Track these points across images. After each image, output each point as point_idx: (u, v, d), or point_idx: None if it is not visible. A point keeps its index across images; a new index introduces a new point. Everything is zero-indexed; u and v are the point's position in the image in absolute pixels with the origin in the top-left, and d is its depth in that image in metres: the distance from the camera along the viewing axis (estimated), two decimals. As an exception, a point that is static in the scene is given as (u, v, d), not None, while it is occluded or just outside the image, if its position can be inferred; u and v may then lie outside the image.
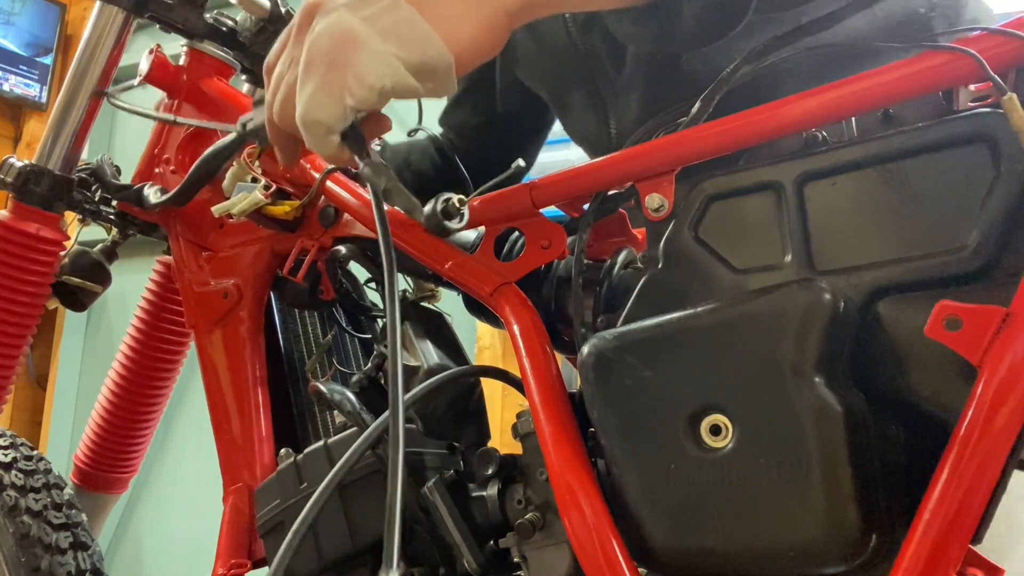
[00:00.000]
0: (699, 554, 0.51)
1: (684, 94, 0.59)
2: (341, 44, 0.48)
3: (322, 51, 0.49)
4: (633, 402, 0.53)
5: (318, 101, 0.49)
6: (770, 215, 0.54)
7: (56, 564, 0.89)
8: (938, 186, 0.50)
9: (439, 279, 0.69)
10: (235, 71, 0.97)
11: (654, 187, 0.58)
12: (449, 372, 0.66)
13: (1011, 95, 0.46)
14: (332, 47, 0.49)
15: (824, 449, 0.47)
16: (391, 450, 0.48)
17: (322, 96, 0.49)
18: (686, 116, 0.57)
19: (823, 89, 0.53)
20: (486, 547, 0.61)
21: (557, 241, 0.62)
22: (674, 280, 0.57)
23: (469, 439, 0.69)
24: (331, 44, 0.49)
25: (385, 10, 0.49)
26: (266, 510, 0.69)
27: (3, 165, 0.98)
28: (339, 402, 0.67)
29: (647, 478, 0.52)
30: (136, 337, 1.10)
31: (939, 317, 0.46)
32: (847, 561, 0.47)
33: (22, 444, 0.98)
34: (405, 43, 0.49)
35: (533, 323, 0.60)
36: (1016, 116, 0.46)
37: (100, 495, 1.15)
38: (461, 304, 0.72)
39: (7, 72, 3.21)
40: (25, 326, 1.03)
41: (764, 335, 0.49)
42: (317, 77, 0.49)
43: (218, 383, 0.86)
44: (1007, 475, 0.44)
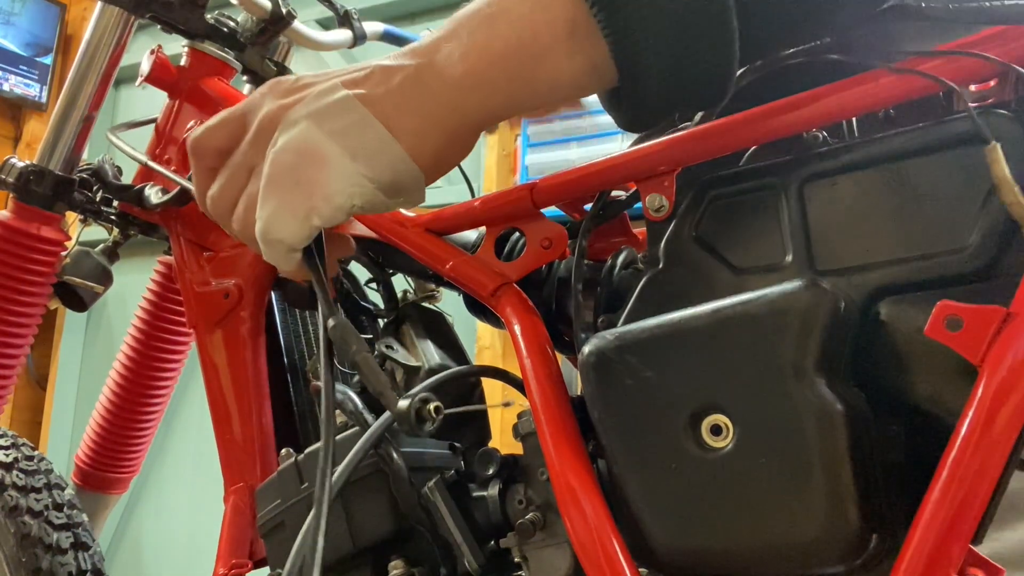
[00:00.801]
0: (699, 554, 0.51)
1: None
2: (308, 162, 0.46)
3: (286, 167, 0.47)
4: (633, 402, 0.53)
5: (282, 221, 0.47)
6: (770, 215, 0.54)
7: (57, 564, 0.89)
8: (938, 186, 0.50)
9: (439, 279, 0.69)
10: (236, 72, 0.97)
11: (654, 187, 0.58)
12: (449, 372, 0.66)
13: (995, 144, 0.46)
14: (297, 164, 0.47)
15: (824, 449, 0.47)
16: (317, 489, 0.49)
17: (286, 216, 0.47)
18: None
19: (823, 90, 0.53)
20: (487, 547, 0.61)
21: (558, 241, 0.62)
22: (674, 280, 0.57)
23: (469, 439, 0.69)
24: (296, 160, 0.47)
25: (352, 125, 0.46)
26: (267, 510, 0.69)
27: (4, 165, 0.98)
28: (341, 401, 0.67)
29: (647, 478, 0.52)
30: (137, 337, 1.10)
31: (939, 317, 0.46)
32: (847, 561, 0.47)
33: (23, 444, 0.98)
34: (374, 162, 0.47)
35: (534, 323, 0.61)
36: (998, 167, 0.45)
37: (101, 495, 1.15)
38: (461, 304, 0.72)
39: (7, 72, 3.21)
40: (26, 326, 1.03)
41: (764, 335, 0.49)
42: (281, 195, 0.47)
43: (219, 383, 0.86)
44: (1007, 475, 0.44)
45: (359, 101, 0.47)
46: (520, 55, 0.45)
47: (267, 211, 0.47)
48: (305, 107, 0.48)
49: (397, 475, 0.62)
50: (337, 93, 0.47)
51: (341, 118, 0.47)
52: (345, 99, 0.47)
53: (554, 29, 0.45)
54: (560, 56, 0.45)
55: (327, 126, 0.47)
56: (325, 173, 0.46)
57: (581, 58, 0.45)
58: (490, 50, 0.46)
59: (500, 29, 0.46)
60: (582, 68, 0.46)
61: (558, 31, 0.45)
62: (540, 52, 0.45)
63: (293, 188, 0.47)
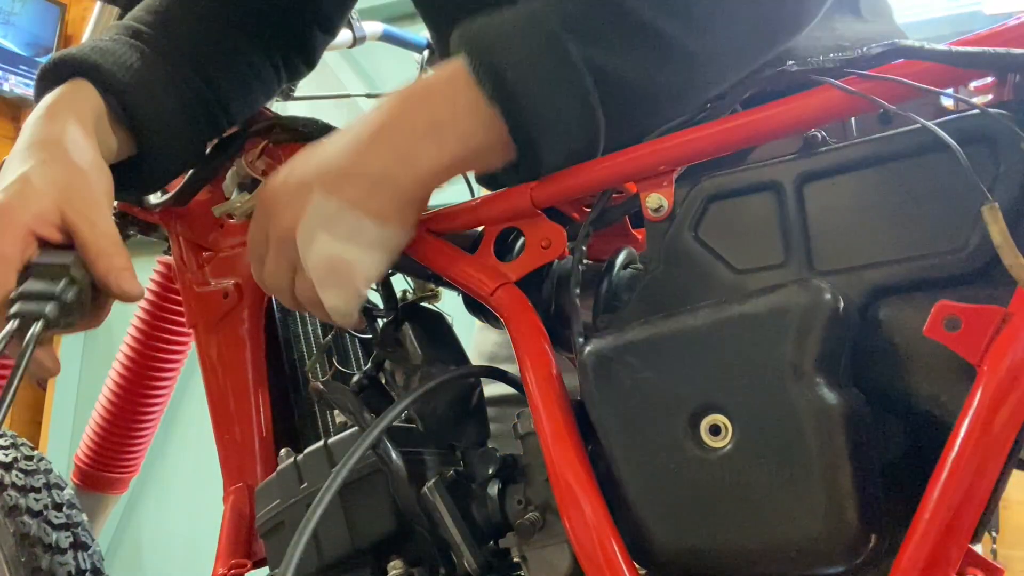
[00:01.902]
0: (699, 554, 0.51)
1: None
2: (340, 265, 0.62)
3: (328, 272, 0.62)
4: (633, 402, 0.53)
5: (344, 302, 0.64)
6: (770, 215, 0.54)
7: (56, 564, 0.90)
8: (938, 186, 0.50)
9: (439, 279, 0.69)
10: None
11: (654, 187, 0.58)
12: (449, 373, 0.66)
13: (993, 204, 0.45)
14: (334, 269, 0.62)
15: (824, 449, 0.47)
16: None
17: (345, 300, 0.64)
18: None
19: (823, 90, 0.53)
20: (486, 547, 0.61)
21: (557, 241, 0.62)
22: (674, 280, 0.57)
23: (469, 439, 0.69)
24: (332, 267, 0.62)
25: (355, 228, 0.61)
26: (266, 510, 0.69)
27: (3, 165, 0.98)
28: (340, 402, 0.67)
29: (647, 478, 0.52)
30: (136, 337, 1.10)
31: (938, 317, 0.46)
32: (846, 561, 0.47)
33: (23, 444, 0.98)
34: (383, 246, 0.63)
35: (533, 323, 0.61)
36: (996, 229, 0.44)
37: (100, 495, 1.15)
38: (461, 304, 0.72)
39: (7, 72, 3.21)
40: (25, 326, 1.03)
41: (764, 335, 0.49)
42: (334, 290, 0.63)
43: (218, 383, 0.86)
44: (1007, 475, 0.45)
45: (349, 208, 0.61)
46: (464, 163, 0.62)
47: (330, 300, 0.63)
48: (313, 222, 0.62)
49: (396, 475, 0.62)
50: (328, 206, 0.61)
51: (345, 225, 0.61)
52: (338, 210, 0.61)
53: (491, 141, 0.60)
54: (493, 159, 0.62)
55: (338, 233, 0.61)
56: (357, 269, 0.62)
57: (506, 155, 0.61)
58: (441, 161, 0.61)
59: (448, 144, 0.60)
60: (502, 161, 0.62)
61: (493, 143, 0.60)
62: (477, 158, 0.62)
63: (341, 284, 0.63)
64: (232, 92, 0.80)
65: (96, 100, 0.69)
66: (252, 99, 0.83)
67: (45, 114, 0.68)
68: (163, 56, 0.75)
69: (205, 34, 0.79)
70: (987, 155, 0.48)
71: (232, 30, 0.80)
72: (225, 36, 0.80)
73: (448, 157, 0.61)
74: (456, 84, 0.60)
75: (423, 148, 0.60)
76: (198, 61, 0.77)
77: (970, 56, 0.48)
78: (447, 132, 0.60)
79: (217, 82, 0.78)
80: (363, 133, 0.62)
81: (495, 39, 0.58)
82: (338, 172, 0.62)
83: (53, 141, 0.66)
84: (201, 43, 0.78)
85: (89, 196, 0.65)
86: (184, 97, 0.75)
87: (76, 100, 0.69)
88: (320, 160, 0.63)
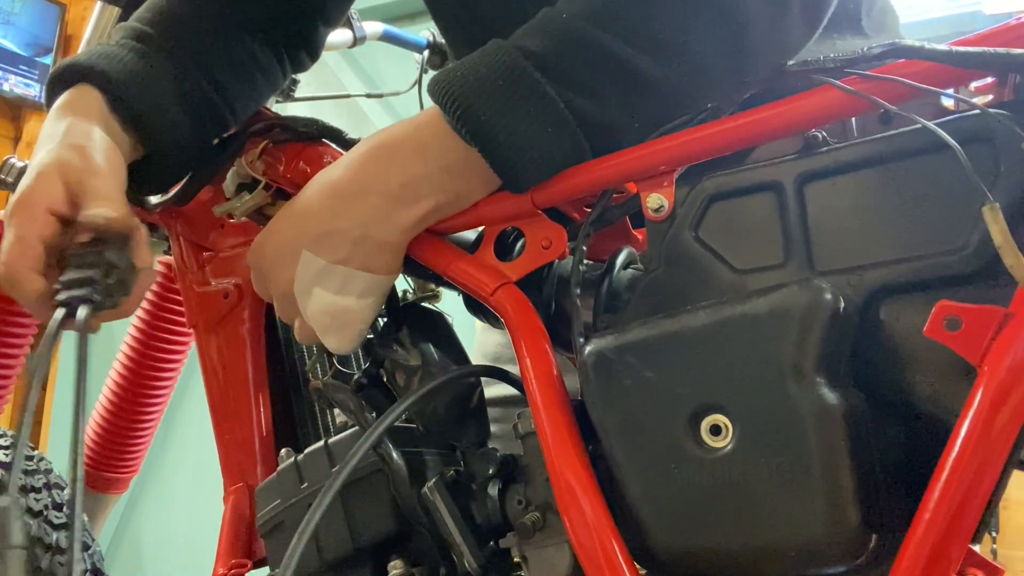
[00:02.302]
0: (699, 554, 0.51)
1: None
2: (339, 313, 0.65)
3: (328, 321, 0.66)
4: (633, 402, 0.53)
5: (346, 341, 0.67)
6: (770, 215, 0.54)
7: (56, 564, 0.90)
8: (938, 186, 0.50)
9: (439, 279, 0.69)
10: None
11: (654, 187, 0.58)
12: (449, 373, 0.66)
13: (994, 204, 0.45)
14: (333, 317, 0.65)
15: (824, 449, 0.47)
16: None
17: (347, 340, 0.67)
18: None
19: (823, 90, 0.53)
20: (486, 547, 0.61)
21: (557, 241, 0.62)
22: (674, 280, 0.57)
23: (469, 439, 0.69)
24: (331, 316, 0.65)
25: (347, 280, 0.64)
26: (266, 510, 0.69)
27: (4, 165, 0.98)
28: (340, 401, 0.67)
29: (647, 478, 0.52)
30: (137, 337, 1.10)
31: (939, 317, 0.46)
32: (847, 561, 0.47)
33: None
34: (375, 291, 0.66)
35: (534, 323, 0.61)
36: (997, 229, 0.44)
37: (101, 495, 1.15)
38: (461, 304, 0.72)
39: (7, 72, 3.20)
40: (26, 326, 1.03)
41: (764, 335, 0.49)
42: (337, 335, 0.66)
43: (218, 383, 0.86)
44: (1007, 475, 0.45)
45: (338, 265, 0.64)
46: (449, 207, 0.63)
47: (332, 344, 0.67)
48: (305, 279, 0.65)
49: (397, 475, 0.62)
50: (316, 265, 0.64)
51: (336, 280, 0.64)
52: (327, 268, 0.64)
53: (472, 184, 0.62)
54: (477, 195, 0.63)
55: (332, 288, 0.64)
56: (354, 315, 0.65)
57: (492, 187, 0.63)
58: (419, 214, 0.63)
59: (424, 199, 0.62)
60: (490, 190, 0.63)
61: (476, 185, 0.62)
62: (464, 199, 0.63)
63: (343, 330, 0.66)
64: (237, 89, 0.80)
65: (103, 105, 0.72)
66: (257, 95, 0.84)
67: (56, 115, 0.71)
68: (168, 58, 0.76)
69: (209, 33, 0.79)
70: (987, 155, 0.48)
71: (236, 27, 0.81)
72: (229, 34, 0.81)
73: (426, 209, 0.63)
74: (430, 133, 0.62)
75: (400, 208, 0.63)
76: (202, 60, 0.78)
77: (970, 56, 0.48)
78: (422, 188, 0.62)
79: (222, 80, 0.79)
80: (340, 188, 0.64)
81: (467, 83, 0.59)
82: (319, 232, 0.64)
83: (68, 133, 0.69)
84: (205, 42, 0.79)
85: (96, 171, 0.68)
86: (190, 98, 0.76)
87: (85, 102, 0.72)
88: (300, 217, 0.66)
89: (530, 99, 0.58)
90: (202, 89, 0.77)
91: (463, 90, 0.59)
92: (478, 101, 0.58)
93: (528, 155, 0.58)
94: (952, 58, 0.49)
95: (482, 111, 0.58)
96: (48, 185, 0.66)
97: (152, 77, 0.74)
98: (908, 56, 0.51)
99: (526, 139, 0.58)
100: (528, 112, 0.58)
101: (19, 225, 0.65)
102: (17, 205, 0.66)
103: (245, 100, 0.82)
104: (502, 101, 0.58)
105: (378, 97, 1.44)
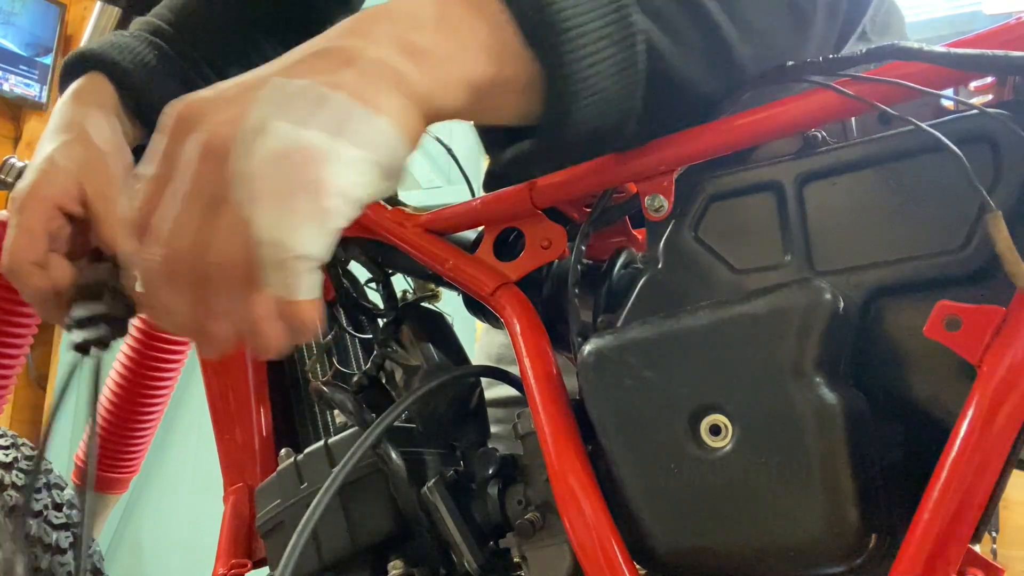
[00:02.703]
0: (699, 554, 0.51)
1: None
2: (303, 161, 0.40)
3: (278, 175, 0.40)
4: (633, 402, 0.53)
5: (297, 233, 0.40)
6: (770, 215, 0.54)
7: (56, 564, 0.90)
8: (938, 186, 0.50)
9: (439, 279, 0.69)
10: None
11: (654, 187, 0.58)
12: (449, 373, 0.66)
13: (996, 213, 0.44)
14: (291, 168, 0.40)
15: (824, 449, 0.47)
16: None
17: (301, 226, 0.40)
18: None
19: (822, 90, 0.53)
20: (486, 547, 0.61)
21: (557, 241, 0.62)
22: (674, 280, 0.57)
23: (469, 439, 0.69)
24: (287, 165, 0.40)
25: (337, 112, 0.41)
26: (266, 510, 0.69)
27: (4, 165, 0.98)
28: (340, 402, 0.67)
29: (647, 478, 0.52)
30: (137, 337, 1.10)
31: (939, 317, 0.46)
32: (846, 561, 0.47)
33: (23, 444, 0.98)
34: (375, 150, 0.42)
35: (533, 323, 0.61)
36: (1000, 238, 0.44)
37: (101, 495, 1.15)
38: (461, 304, 0.72)
39: (7, 72, 3.21)
40: (26, 326, 1.03)
41: (764, 335, 0.49)
42: (282, 205, 0.40)
43: (218, 383, 0.86)
44: (1006, 475, 0.45)
45: (322, 84, 0.42)
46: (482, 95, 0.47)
47: (270, 229, 0.40)
48: (265, 107, 0.41)
49: (396, 475, 0.62)
50: (292, 83, 0.42)
51: (313, 108, 0.41)
52: (305, 89, 0.42)
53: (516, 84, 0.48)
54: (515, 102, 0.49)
55: (302, 116, 0.41)
56: (330, 169, 0.40)
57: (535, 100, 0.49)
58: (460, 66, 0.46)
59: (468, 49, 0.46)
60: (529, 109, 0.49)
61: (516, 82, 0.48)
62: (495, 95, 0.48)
63: (297, 194, 0.40)
64: None
65: (114, 94, 0.73)
66: None
67: (69, 101, 0.72)
68: (180, 54, 0.77)
69: (224, 33, 0.81)
70: (988, 155, 0.48)
71: (251, 28, 0.83)
72: (244, 34, 0.82)
73: (468, 65, 0.46)
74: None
75: (438, 43, 0.45)
76: (216, 60, 0.79)
77: (969, 59, 0.48)
78: (465, 35, 0.46)
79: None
80: (349, 21, 0.46)
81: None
82: (312, 52, 0.44)
83: (76, 123, 0.70)
84: (220, 41, 0.80)
85: (107, 173, 0.69)
86: None
87: (96, 90, 0.73)
88: (279, 60, 0.45)
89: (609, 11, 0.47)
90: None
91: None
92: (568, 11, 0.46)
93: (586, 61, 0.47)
94: (951, 60, 0.49)
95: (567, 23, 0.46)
96: (61, 183, 0.67)
97: (162, 72, 0.75)
98: (906, 57, 0.51)
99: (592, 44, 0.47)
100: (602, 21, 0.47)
101: (26, 218, 0.65)
102: (26, 197, 0.66)
103: None
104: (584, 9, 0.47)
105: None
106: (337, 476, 0.58)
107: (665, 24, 0.50)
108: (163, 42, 0.77)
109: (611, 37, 0.48)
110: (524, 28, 0.46)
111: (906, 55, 0.50)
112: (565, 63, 0.46)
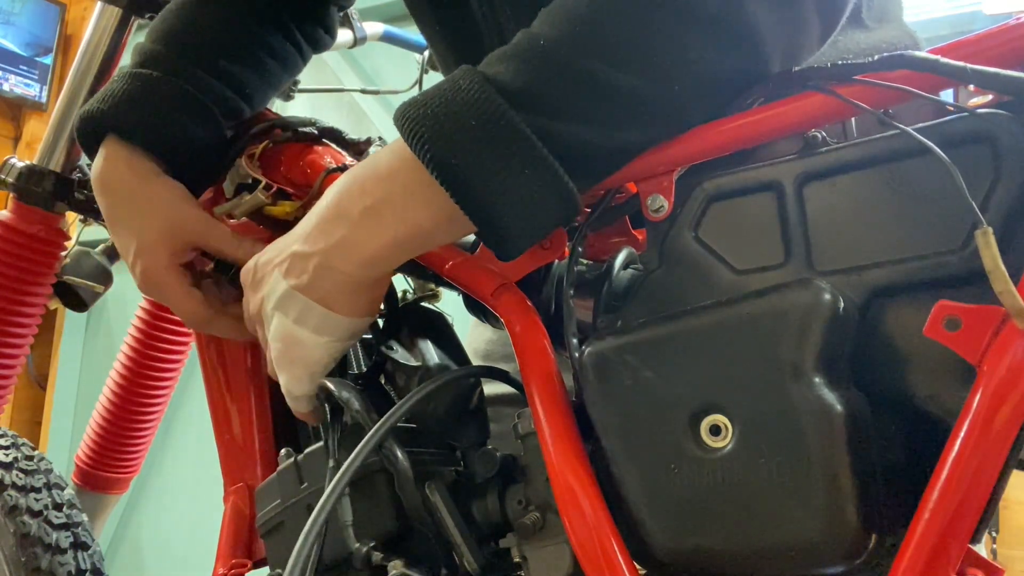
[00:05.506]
0: (699, 554, 0.51)
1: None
2: (291, 344, 0.64)
3: (281, 352, 0.65)
4: (633, 402, 0.53)
5: (296, 385, 0.66)
6: (770, 215, 0.54)
7: (56, 564, 0.89)
8: (938, 186, 0.50)
9: (439, 279, 0.69)
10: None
11: (654, 187, 0.58)
12: (449, 373, 0.66)
13: (987, 228, 0.44)
14: (286, 349, 0.64)
15: (824, 449, 0.47)
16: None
17: (297, 382, 0.66)
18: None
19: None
20: (486, 547, 0.61)
21: (557, 241, 0.62)
22: (674, 280, 0.57)
23: (469, 439, 0.69)
24: (284, 347, 0.64)
25: (304, 311, 0.63)
26: (266, 510, 0.69)
27: (4, 165, 0.98)
28: (347, 400, 0.67)
29: (647, 478, 0.52)
30: (137, 337, 1.10)
31: (938, 317, 0.46)
32: (846, 561, 0.47)
33: (23, 444, 0.98)
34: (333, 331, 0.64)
35: (533, 323, 0.61)
36: (988, 255, 0.43)
37: (101, 495, 1.15)
38: (461, 304, 0.72)
39: (7, 72, 3.21)
40: (26, 326, 1.03)
41: (764, 335, 0.49)
42: (287, 370, 0.66)
43: (218, 383, 0.86)
44: (1006, 475, 0.45)
45: (298, 292, 0.62)
46: (411, 243, 0.60)
47: (284, 381, 0.67)
48: (271, 302, 0.64)
49: (402, 475, 0.62)
50: (281, 288, 0.63)
51: (295, 308, 0.63)
52: (288, 293, 0.63)
53: (437, 219, 0.58)
54: (442, 235, 0.60)
55: (291, 316, 0.63)
56: (306, 351, 0.64)
57: (459, 230, 0.59)
58: (381, 244, 0.59)
59: (387, 222, 0.59)
60: (458, 235, 0.61)
61: (440, 220, 0.58)
62: (427, 236, 0.59)
63: (292, 365, 0.65)
64: (251, 80, 0.82)
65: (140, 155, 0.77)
66: (275, 79, 0.85)
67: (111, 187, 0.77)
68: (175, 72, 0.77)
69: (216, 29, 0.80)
70: (987, 156, 0.48)
71: (245, 16, 0.82)
72: (238, 24, 0.82)
73: (384, 241, 0.59)
74: (399, 162, 0.58)
75: (359, 236, 0.59)
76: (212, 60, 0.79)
77: (986, 77, 0.47)
78: (383, 214, 0.58)
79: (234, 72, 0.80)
80: (321, 212, 0.62)
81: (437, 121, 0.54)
82: (291, 255, 0.63)
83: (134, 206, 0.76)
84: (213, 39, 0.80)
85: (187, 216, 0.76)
86: (200, 106, 0.77)
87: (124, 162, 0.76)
88: (285, 238, 0.65)
89: (505, 140, 0.53)
90: (213, 91, 0.78)
91: (433, 132, 0.54)
92: (449, 145, 0.54)
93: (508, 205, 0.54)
94: (966, 77, 0.48)
95: (454, 155, 0.54)
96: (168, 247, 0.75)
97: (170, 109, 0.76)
98: (918, 68, 0.50)
99: (503, 187, 0.54)
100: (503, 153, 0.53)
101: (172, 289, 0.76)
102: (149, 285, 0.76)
103: (261, 88, 0.83)
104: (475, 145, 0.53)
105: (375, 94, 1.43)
106: (343, 477, 0.58)
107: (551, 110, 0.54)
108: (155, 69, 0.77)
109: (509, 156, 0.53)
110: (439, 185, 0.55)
111: (919, 66, 0.50)
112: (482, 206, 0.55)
